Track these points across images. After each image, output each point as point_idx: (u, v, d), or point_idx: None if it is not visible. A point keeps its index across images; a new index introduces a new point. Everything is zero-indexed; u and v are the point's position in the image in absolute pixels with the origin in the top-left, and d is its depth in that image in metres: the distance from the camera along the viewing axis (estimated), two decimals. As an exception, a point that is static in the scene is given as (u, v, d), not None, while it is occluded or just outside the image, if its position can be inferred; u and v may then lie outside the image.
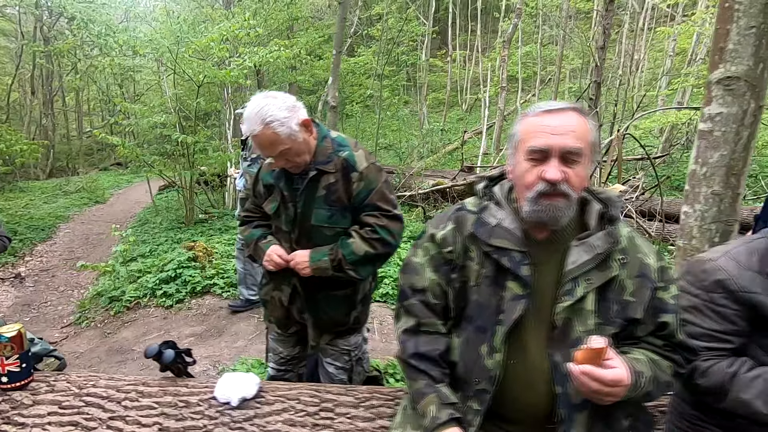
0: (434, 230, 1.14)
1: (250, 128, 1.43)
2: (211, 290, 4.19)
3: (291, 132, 1.45)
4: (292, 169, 1.55)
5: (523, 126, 1.02)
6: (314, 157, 1.55)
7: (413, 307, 1.13)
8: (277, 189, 1.62)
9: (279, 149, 1.46)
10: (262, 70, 8.09)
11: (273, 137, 1.44)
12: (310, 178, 1.53)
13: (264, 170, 1.68)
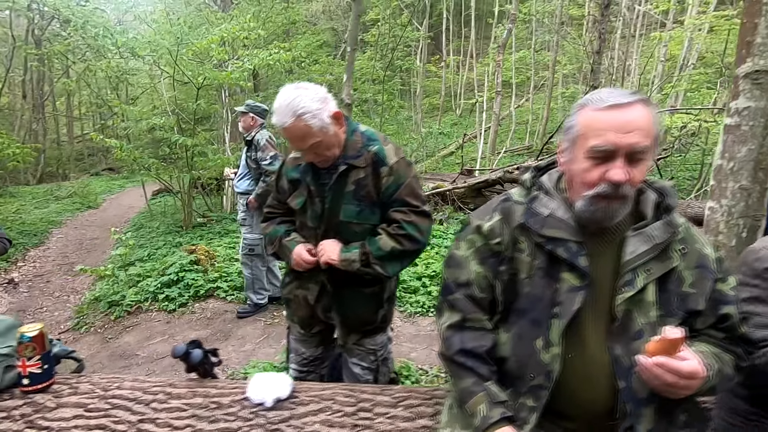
0: (480, 222, 1.10)
1: (281, 120, 1.38)
2: (215, 294, 4.11)
3: (323, 124, 1.41)
4: (321, 163, 1.50)
5: (583, 120, 0.95)
6: (344, 151, 1.50)
7: (458, 302, 1.09)
8: (303, 184, 1.57)
9: (310, 142, 1.41)
10: (259, 73, 8.03)
11: (305, 130, 1.39)
12: (340, 172, 1.49)
13: (288, 165, 1.64)
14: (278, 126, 1.40)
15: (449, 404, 1.15)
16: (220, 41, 5.64)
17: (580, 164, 0.95)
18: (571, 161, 0.98)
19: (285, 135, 1.43)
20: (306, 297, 1.64)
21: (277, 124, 1.40)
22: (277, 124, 1.40)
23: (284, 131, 1.41)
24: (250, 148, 3.52)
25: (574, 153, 0.97)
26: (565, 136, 1.00)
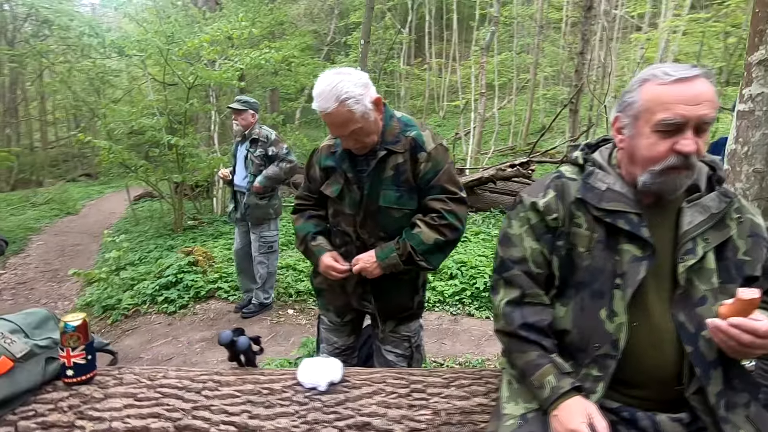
0: (534, 198, 1.12)
1: (323, 105, 1.37)
2: (216, 294, 4.03)
3: (365, 110, 1.40)
4: (358, 150, 1.50)
5: (648, 95, 0.95)
6: (382, 137, 1.50)
7: (516, 278, 1.11)
8: (339, 171, 1.56)
9: (351, 128, 1.40)
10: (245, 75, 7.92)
11: (347, 115, 1.38)
12: (379, 158, 1.48)
13: (322, 153, 1.62)
14: (320, 111, 1.39)
15: (507, 380, 1.16)
16: (211, 40, 5.56)
17: (645, 139, 0.97)
18: (634, 136, 1.00)
19: (326, 120, 1.41)
20: (343, 285, 1.62)
21: (318, 109, 1.38)
22: (318, 109, 1.38)
23: (326, 117, 1.40)
24: (254, 144, 3.47)
25: (638, 128, 0.99)
26: (625, 112, 1.01)
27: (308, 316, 3.70)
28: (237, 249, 3.62)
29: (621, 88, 16.18)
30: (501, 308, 1.11)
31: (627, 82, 14.36)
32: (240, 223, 3.61)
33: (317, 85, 1.39)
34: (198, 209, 7.55)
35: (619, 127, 1.04)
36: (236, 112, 3.44)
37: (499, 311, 1.12)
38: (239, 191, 3.56)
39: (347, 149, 1.52)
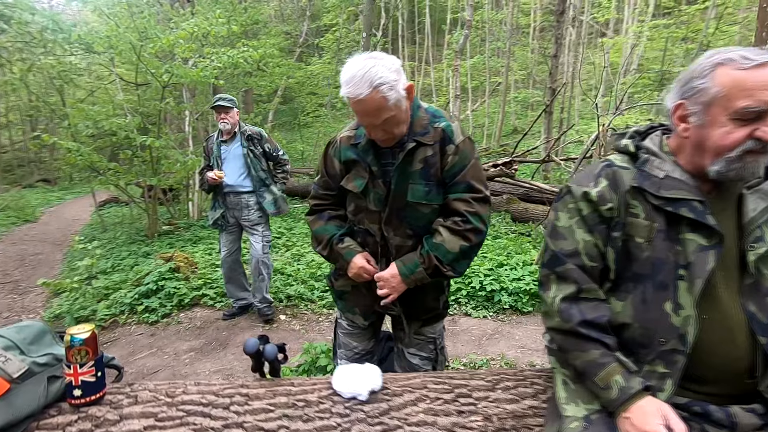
0: (585, 188, 1.06)
1: (355, 92, 1.26)
2: (201, 302, 3.83)
3: (398, 97, 1.31)
4: (384, 141, 1.40)
5: (726, 81, 0.90)
6: (410, 128, 1.41)
7: (571, 273, 1.05)
8: (362, 165, 1.46)
9: (384, 117, 1.30)
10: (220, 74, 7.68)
11: (381, 103, 1.27)
12: (408, 151, 1.40)
13: (342, 145, 1.51)
14: (351, 97, 1.28)
15: (562, 380, 1.10)
16: (188, 37, 5.33)
17: (720, 127, 0.92)
18: (706, 125, 0.94)
19: (356, 108, 1.31)
20: (369, 286, 1.52)
21: (349, 95, 1.28)
22: (349, 96, 1.28)
23: (356, 104, 1.29)
24: (250, 141, 3.34)
25: (711, 116, 0.93)
26: (694, 99, 0.95)
27: (301, 321, 3.56)
28: (225, 256, 3.40)
29: (588, 91, 16.78)
30: (556, 305, 1.05)
31: (593, 86, 14.82)
32: (228, 228, 3.40)
33: (346, 70, 1.29)
34: (172, 214, 7.23)
35: (683, 115, 0.98)
36: (224, 110, 3.28)
37: (553, 308, 1.05)
38: (233, 192, 3.36)
39: (371, 141, 1.43)
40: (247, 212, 3.35)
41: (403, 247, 1.46)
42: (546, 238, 1.12)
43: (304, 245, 5.57)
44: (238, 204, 3.36)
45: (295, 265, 4.67)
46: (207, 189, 3.39)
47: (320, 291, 4.00)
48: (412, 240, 1.46)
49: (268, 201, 3.36)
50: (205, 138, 3.49)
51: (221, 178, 3.26)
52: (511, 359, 2.78)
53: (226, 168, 3.31)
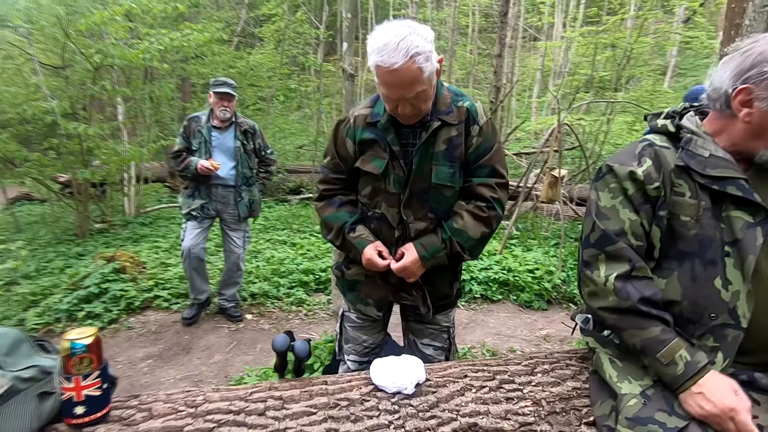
0: (630, 167, 1.05)
1: (389, 60, 1.14)
2: (154, 304, 3.48)
3: (432, 70, 1.22)
4: (409, 119, 1.31)
5: None
6: (434, 106, 1.33)
7: (623, 251, 1.04)
8: (381, 144, 1.37)
9: (416, 90, 1.21)
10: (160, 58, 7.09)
11: (416, 74, 1.17)
12: (432, 130, 1.32)
13: (358, 124, 1.40)
14: (383, 67, 1.16)
15: (609, 359, 1.09)
16: (125, 14, 4.82)
17: None
18: None
19: (387, 79, 1.19)
20: (385, 275, 1.43)
21: (382, 64, 1.16)
22: (382, 64, 1.16)
23: (388, 74, 1.17)
24: (245, 135, 3.12)
25: None
26: (764, 84, 0.95)
27: (270, 319, 3.36)
28: (191, 247, 3.06)
29: (523, 91, 17.68)
30: (611, 284, 1.03)
31: (529, 86, 15.60)
32: (205, 220, 3.11)
33: (378, 37, 1.17)
34: (104, 210, 6.55)
35: (747, 99, 0.98)
36: (229, 97, 3.02)
37: (608, 287, 1.04)
38: (223, 185, 3.08)
39: (392, 118, 1.34)
40: (233, 207, 3.13)
41: (422, 232, 1.39)
42: (589, 218, 1.11)
43: (260, 241, 5.30)
44: (225, 198, 3.10)
45: (254, 262, 4.41)
46: (188, 175, 3.01)
47: (286, 288, 3.81)
48: (432, 224, 1.40)
49: (245, 201, 3.15)
50: (188, 117, 3.10)
51: (217, 170, 2.96)
52: (492, 346, 2.82)
53: (216, 158, 3.02)
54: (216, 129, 3.07)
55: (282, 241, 5.36)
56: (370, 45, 1.20)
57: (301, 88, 14.85)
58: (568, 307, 3.65)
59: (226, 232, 3.21)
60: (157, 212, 6.83)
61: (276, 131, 13.33)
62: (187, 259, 3.07)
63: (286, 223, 6.23)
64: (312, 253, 4.71)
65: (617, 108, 10.17)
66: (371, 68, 1.23)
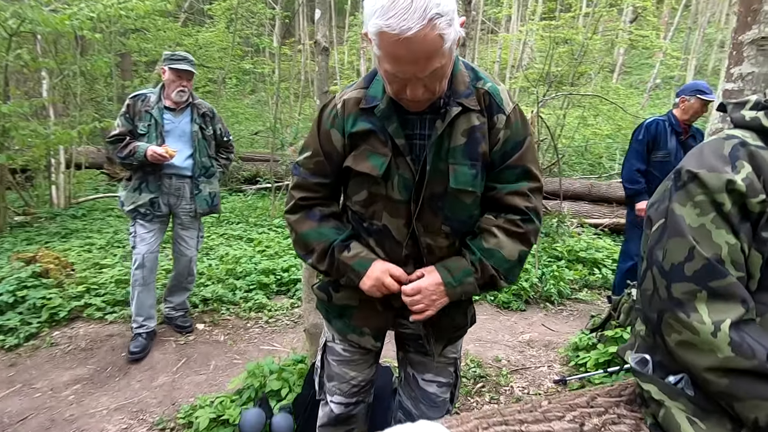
0: (725, 174, 0.80)
1: (400, 24, 0.82)
2: (84, 314, 2.98)
3: (455, 38, 0.90)
4: (415, 105, 0.99)
5: None
6: (450, 86, 1.02)
7: (734, 288, 0.78)
8: (380, 137, 1.05)
9: (434, 66, 0.89)
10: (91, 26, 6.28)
11: (435, 44, 0.86)
12: (452, 118, 1.01)
13: (348, 110, 1.07)
14: (392, 34, 0.83)
15: (686, 418, 0.85)
16: (46, -28, 4.12)
17: None
18: None
19: (394, 51, 0.87)
20: (387, 299, 1.12)
21: (390, 30, 0.83)
22: (390, 30, 0.83)
23: (398, 44, 0.85)
24: (204, 119, 2.68)
25: None
26: None
27: (225, 329, 2.96)
28: (146, 253, 2.57)
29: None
30: (725, 335, 0.76)
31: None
32: (159, 219, 2.62)
33: None
34: (27, 201, 5.74)
35: None
36: (188, 75, 2.54)
37: (719, 340, 0.76)
38: (177, 176, 2.62)
39: (394, 102, 1.02)
40: (188, 202, 2.67)
41: (436, 249, 1.10)
42: (680, 239, 0.82)
43: (212, 236, 4.81)
44: (179, 190, 2.64)
45: (205, 260, 3.95)
46: (133, 164, 2.50)
47: (244, 291, 3.41)
48: (448, 240, 1.10)
49: (204, 195, 2.70)
50: (131, 95, 2.58)
51: (172, 157, 2.48)
52: (476, 355, 2.60)
53: (170, 144, 2.53)
54: (169, 110, 2.59)
55: (237, 237, 4.90)
56: (371, 2, 0.87)
57: (256, 70, 14.06)
58: (546, 307, 3.52)
59: (177, 231, 2.75)
60: (92, 203, 6.09)
61: (229, 116, 12.51)
62: (140, 269, 2.56)
63: (242, 216, 5.75)
64: (272, 249, 4.31)
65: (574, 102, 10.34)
66: (371, 36, 0.91)
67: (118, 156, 2.49)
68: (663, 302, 0.85)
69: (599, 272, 4.09)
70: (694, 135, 3.15)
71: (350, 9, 18.77)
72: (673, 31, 13.99)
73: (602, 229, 5.40)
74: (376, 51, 0.92)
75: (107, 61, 6.09)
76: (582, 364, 2.37)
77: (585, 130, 10.63)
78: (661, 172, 3.06)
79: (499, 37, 14.75)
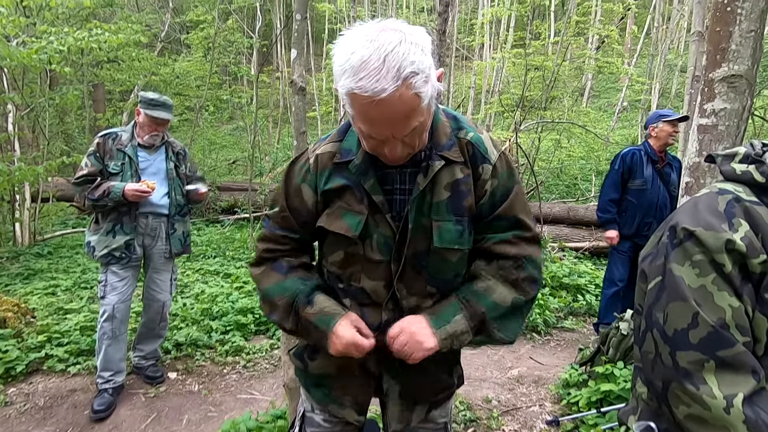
0: (724, 234, 0.76)
1: (372, 86, 0.77)
2: (44, 366, 2.76)
3: (433, 94, 0.85)
4: (394, 159, 0.93)
5: None
6: (431, 137, 0.97)
7: (743, 358, 0.72)
8: (357, 193, 0.98)
9: (413, 125, 0.85)
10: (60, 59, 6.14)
11: (412, 103, 0.81)
12: (436, 172, 0.96)
13: (321, 165, 1.01)
14: (363, 96, 0.78)
15: None
16: (12, 6, 4.02)
17: None
18: None
19: (368, 113, 0.82)
20: (364, 364, 1.04)
21: (360, 92, 0.78)
22: (362, 92, 0.78)
23: (369, 107, 0.80)
24: (178, 158, 2.61)
25: None
26: None
27: (200, 378, 2.78)
28: (117, 303, 2.40)
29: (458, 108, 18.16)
30: (738, 411, 0.70)
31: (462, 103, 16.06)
32: (133, 263, 2.47)
33: (350, 48, 0.80)
34: (-13, 239, 5.45)
35: None
36: (163, 122, 2.47)
37: (732, 416, 0.70)
38: (153, 214, 2.49)
39: (370, 156, 0.96)
40: (163, 242, 2.55)
41: (419, 309, 1.02)
42: (681, 303, 0.77)
43: (187, 272, 4.62)
44: (155, 230, 2.51)
45: (179, 300, 3.77)
46: (108, 205, 2.34)
47: (220, 333, 3.24)
48: (432, 299, 1.03)
49: (178, 234, 2.58)
50: (101, 133, 2.47)
51: (154, 190, 2.36)
52: (465, 396, 2.50)
53: (148, 181, 2.41)
54: (144, 148, 2.50)
55: (214, 272, 4.73)
56: (340, 61, 0.81)
57: (234, 99, 14.04)
58: (532, 338, 3.46)
59: (150, 275, 2.60)
60: (59, 239, 5.83)
61: (206, 144, 12.38)
62: (109, 321, 2.38)
63: (219, 249, 5.57)
64: (250, 285, 4.14)
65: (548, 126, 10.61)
66: (342, 96, 0.85)
67: (89, 198, 2.34)
68: (668, 370, 0.80)
69: (583, 299, 4.08)
70: (671, 163, 3.23)
71: (327, 38, 19.09)
72: (637, 58, 14.66)
73: (583, 252, 5.44)
74: (348, 110, 0.87)
75: (77, 94, 5.93)
76: (574, 403, 2.30)
77: (560, 153, 10.89)
78: (638, 199, 3.18)
79: (474, 64, 15.18)
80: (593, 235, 5.67)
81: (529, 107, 14.03)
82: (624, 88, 13.95)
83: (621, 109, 13.62)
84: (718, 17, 1.86)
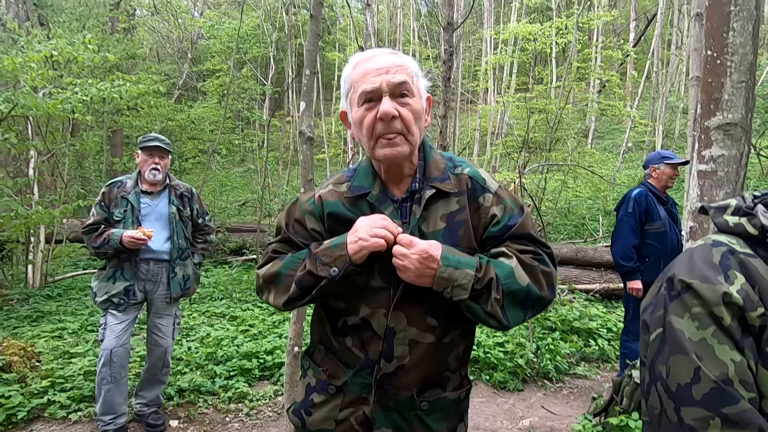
0: (721, 287, 0.76)
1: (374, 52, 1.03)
2: (46, 413, 2.72)
3: (421, 91, 1.05)
4: (393, 152, 0.99)
5: None
6: (424, 171, 1.06)
7: (749, 416, 0.71)
8: None
9: (399, 78, 1.01)
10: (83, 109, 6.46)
11: (405, 64, 1.03)
12: (427, 200, 1.02)
13: (326, 196, 1.09)
14: (366, 57, 1.02)
15: None
16: (42, 61, 4.29)
17: None
18: None
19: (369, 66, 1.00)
20: (363, 418, 1.03)
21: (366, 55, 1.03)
22: (366, 56, 1.03)
23: (371, 61, 1.01)
24: (182, 200, 2.67)
25: None
26: None
27: (202, 426, 2.72)
28: (115, 347, 2.41)
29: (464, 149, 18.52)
30: None
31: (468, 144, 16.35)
32: (131, 308, 2.50)
33: (361, 54, 1.05)
34: (0, 281, 5.52)
35: None
36: (161, 153, 2.56)
37: None
38: (155, 260, 2.55)
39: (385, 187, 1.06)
40: (165, 287, 2.58)
41: (419, 345, 1.02)
42: (681, 357, 0.77)
43: (192, 315, 4.62)
44: (156, 275, 2.56)
45: (184, 343, 3.74)
46: (108, 252, 2.42)
47: (223, 378, 3.19)
48: (434, 334, 1.03)
49: (178, 279, 2.61)
50: (108, 182, 2.57)
51: (150, 238, 2.42)
52: (473, 449, 2.41)
53: (147, 227, 2.49)
54: (146, 194, 2.58)
55: (220, 314, 4.71)
56: (352, 61, 1.05)
57: (246, 143, 14.50)
58: (544, 385, 3.35)
59: (152, 320, 2.62)
60: (69, 281, 5.89)
61: (217, 186, 12.67)
62: (107, 366, 2.39)
63: (226, 291, 5.58)
64: (255, 329, 4.12)
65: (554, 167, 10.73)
66: (347, 84, 1.04)
67: (92, 246, 2.43)
68: (674, 426, 0.78)
69: (595, 343, 3.97)
70: (672, 204, 3.20)
71: (336, 85, 19.85)
72: (639, 100, 14.97)
73: (593, 294, 5.34)
74: (354, 103, 1.01)
75: (97, 140, 6.20)
76: (588, 457, 2.20)
77: (566, 193, 10.95)
78: (660, 242, 2.98)
79: (478, 108, 15.60)
80: (603, 276, 5.59)
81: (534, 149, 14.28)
82: (627, 130, 14.19)
83: (626, 150, 13.77)
84: (709, 69, 1.94)
